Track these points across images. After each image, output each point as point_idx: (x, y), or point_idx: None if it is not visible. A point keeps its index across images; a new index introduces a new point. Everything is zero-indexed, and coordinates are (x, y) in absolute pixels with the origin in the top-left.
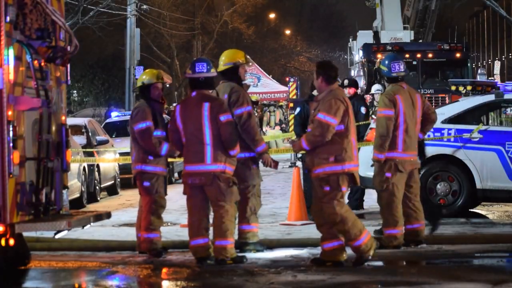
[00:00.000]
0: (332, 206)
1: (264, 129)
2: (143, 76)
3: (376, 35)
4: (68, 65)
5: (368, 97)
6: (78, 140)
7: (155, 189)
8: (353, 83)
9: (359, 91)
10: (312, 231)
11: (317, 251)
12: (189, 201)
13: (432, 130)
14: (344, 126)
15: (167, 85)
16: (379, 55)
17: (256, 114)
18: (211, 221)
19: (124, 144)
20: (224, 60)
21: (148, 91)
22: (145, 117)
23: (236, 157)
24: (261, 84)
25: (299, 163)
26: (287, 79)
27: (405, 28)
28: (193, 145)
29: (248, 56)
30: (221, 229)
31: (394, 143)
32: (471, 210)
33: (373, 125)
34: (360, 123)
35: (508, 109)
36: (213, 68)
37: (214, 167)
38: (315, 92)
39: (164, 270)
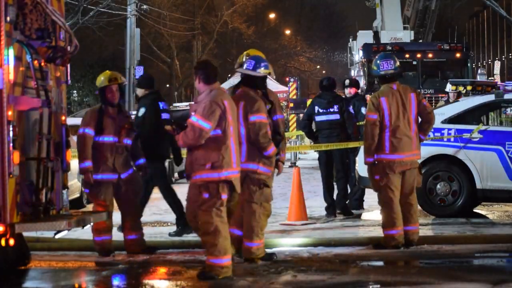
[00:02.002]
0: (209, 215)
1: None
2: (98, 78)
3: (376, 35)
4: (68, 65)
5: (368, 97)
6: None
7: (99, 195)
8: (354, 83)
9: (359, 91)
10: (312, 231)
11: (317, 250)
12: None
13: (432, 130)
14: (221, 131)
15: (125, 84)
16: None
17: None
18: None
19: None
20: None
21: (103, 94)
22: (86, 123)
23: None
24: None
25: (299, 163)
26: (287, 79)
27: (405, 28)
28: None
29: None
30: (247, 230)
31: (381, 145)
32: (471, 210)
33: None
34: (360, 123)
35: (508, 109)
36: (265, 68)
37: (247, 166)
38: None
39: (164, 270)
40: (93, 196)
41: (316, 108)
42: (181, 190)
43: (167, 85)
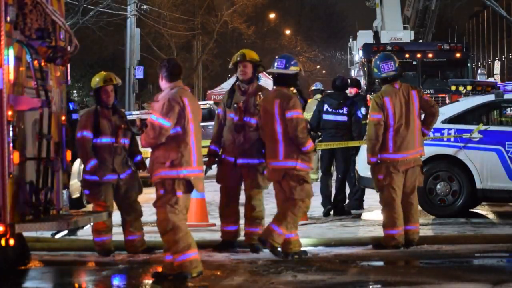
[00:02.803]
0: (164, 211)
1: None
2: (93, 79)
3: (376, 35)
4: (68, 65)
5: (368, 97)
6: None
7: (99, 196)
8: (355, 83)
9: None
10: (312, 231)
11: (317, 250)
12: (276, 196)
13: (432, 130)
14: (181, 129)
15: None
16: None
17: None
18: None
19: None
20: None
21: (98, 95)
22: (83, 125)
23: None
24: (261, 84)
25: None
26: None
27: (405, 28)
28: (269, 142)
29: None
30: (288, 222)
31: (385, 144)
32: (471, 210)
33: None
34: (363, 122)
35: (508, 109)
36: (295, 66)
37: (285, 163)
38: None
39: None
40: (93, 197)
41: (326, 106)
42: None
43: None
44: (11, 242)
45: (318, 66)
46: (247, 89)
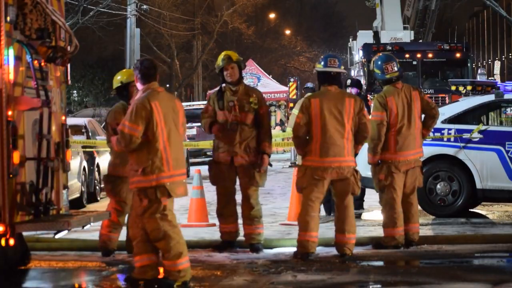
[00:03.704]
0: (155, 221)
1: None
2: (118, 76)
3: (376, 35)
4: (68, 65)
5: (369, 97)
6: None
7: (121, 193)
8: (356, 83)
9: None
10: None
11: (317, 250)
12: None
13: (432, 130)
14: (150, 134)
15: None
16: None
17: None
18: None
19: None
20: None
21: (126, 91)
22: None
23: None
24: (261, 84)
25: (299, 163)
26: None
27: (405, 28)
28: (334, 139)
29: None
30: (351, 225)
31: (387, 144)
32: (471, 210)
33: None
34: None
35: (508, 109)
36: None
37: (351, 161)
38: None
39: None
40: (114, 193)
41: None
42: None
43: (167, 85)
44: (11, 242)
45: None
46: (237, 89)
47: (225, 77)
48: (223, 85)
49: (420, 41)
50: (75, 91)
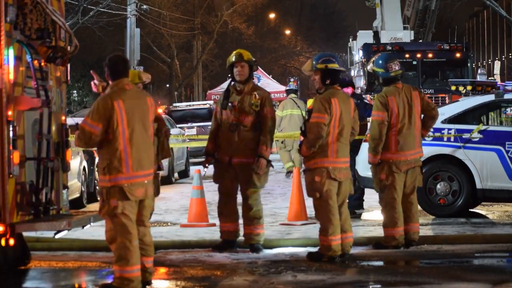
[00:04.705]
0: (108, 222)
1: None
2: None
3: (376, 35)
4: (68, 65)
5: (368, 97)
6: None
7: None
8: (350, 82)
9: (359, 91)
10: (312, 231)
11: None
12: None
13: (432, 130)
14: (110, 133)
15: (145, 83)
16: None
17: None
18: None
19: None
20: None
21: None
22: None
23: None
24: (261, 84)
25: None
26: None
27: (405, 28)
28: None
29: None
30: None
31: (388, 144)
32: (471, 210)
33: None
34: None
35: (508, 109)
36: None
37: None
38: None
39: (164, 270)
40: None
41: None
42: (181, 190)
43: (167, 85)
44: (11, 242)
45: None
46: (242, 89)
47: (234, 74)
48: (232, 83)
49: (420, 41)
50: (75, 91)
